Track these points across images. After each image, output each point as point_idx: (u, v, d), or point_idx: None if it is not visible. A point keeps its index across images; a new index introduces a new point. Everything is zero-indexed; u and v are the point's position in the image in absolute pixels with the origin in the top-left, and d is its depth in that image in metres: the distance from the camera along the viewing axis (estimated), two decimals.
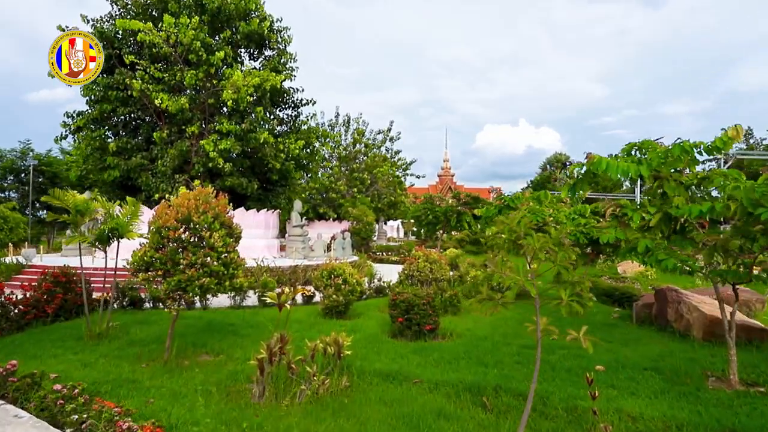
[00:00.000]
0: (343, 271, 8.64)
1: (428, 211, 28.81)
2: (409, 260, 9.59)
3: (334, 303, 8.40)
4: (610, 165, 5.45)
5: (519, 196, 9.68)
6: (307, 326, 7.85)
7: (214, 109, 16.12)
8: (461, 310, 9.38)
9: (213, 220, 5.58)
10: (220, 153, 14.96)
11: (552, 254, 3.73)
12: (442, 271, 9.41)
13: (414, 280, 9.43)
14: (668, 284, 13.93)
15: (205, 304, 9.61)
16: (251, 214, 16.43)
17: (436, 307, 7.12)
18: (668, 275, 16.56)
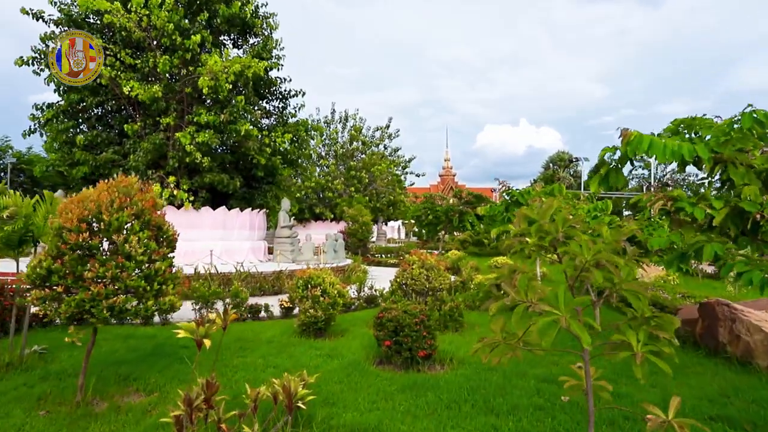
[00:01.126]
0: (323, 281, 7.26)
1: (429, 210, 27.43)
2: (402, 266, 8.21)
3: (312, 319, 7.02)
4: (655, 144, 4.06)
5: (529, 190, 8.30)
6: (276, 348, 6.46)
7: (192, 99, 14.76)
8: (464, 325, 7.99)
9: (133, 220, 4.21)
10: (198, 146, 13.60)
11: (609, 269, 2.34)
12: (441, 279, 8.03)
13: (408, 290, 8.04)
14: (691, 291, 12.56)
15: (165, 319, 8.24)
16: (234, 214, 15.06)
17: (432, 328, 5.73)
18: (693, 281, 15.15)
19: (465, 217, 26.79)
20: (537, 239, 2.24)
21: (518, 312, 2.07)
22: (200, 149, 13.70)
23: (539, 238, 2.24)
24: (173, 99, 14.38)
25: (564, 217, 2.21)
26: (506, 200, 8.34)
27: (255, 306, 8.78)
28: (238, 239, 15.16)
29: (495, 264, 19.39)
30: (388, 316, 5.70)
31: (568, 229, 2.20)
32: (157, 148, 13.66)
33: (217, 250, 14.47)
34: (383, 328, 5.71)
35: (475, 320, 8.63)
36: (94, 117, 15.53)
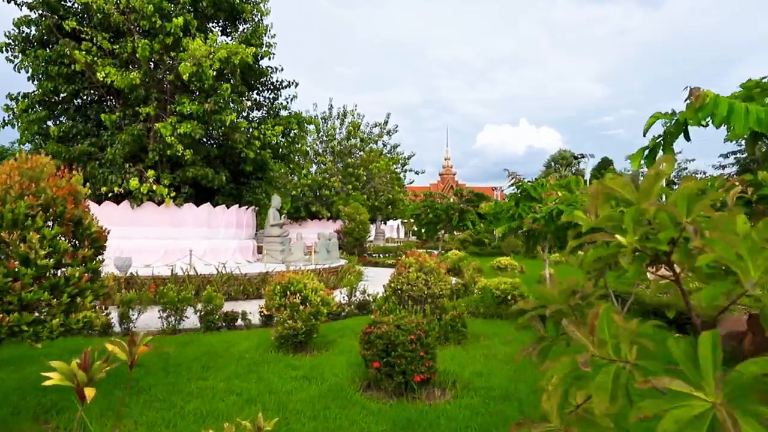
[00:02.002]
0: (303, 287, 6.25)
1: (428, 209, 26.41)
2: (397, 269, 7.21)
3: (290, 331, 6.01)
4: (736, 110, 3.06)
5: (542, 182, 7.29)
6: (246, 367, 5.46)
7: (175, 88, 13.76)
8: (467, 336, 6.99)
9: (38, 211, 3.20)
10: (180, 138, 12.59)
11: None
12: (441, 284, 7.02)
13: (403, 297, 7.04)
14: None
15: (127, 328, 7.24)
16: (220, 211, 14.06)
17: (431, 346, 4.72)
18: None
19: (465, 216, 25.76)
20: (638, 237, 1.21)
21: (605, 383, 1.04)
22: (182, 141, 12.70)
23: (643, 237, 1.22)
24: (154, 87, 13.37)
25: (693, 196, 1.17)
26: (516, 194, 7.33)
27: (231, 313, 7.77)
28: (223, 238, 14.16)
29: (498, 265, 18.37)
30: (378, 332, 4.70)
31: (700, 218, 1.17)
32: (136, 140, 12.65)
33: (201, 250, 13.47)
34: (372, 346, 4.70)
35: (479, 330, 7.63)
36: (72, 108, 14.51)
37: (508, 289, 8.84)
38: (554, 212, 5.60)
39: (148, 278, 10.34)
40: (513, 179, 7.34)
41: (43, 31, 13.58)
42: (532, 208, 6.80)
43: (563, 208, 5.57)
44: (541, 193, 7.00)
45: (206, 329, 7.50)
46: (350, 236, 22.43)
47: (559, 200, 5.86)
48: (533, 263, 21.49)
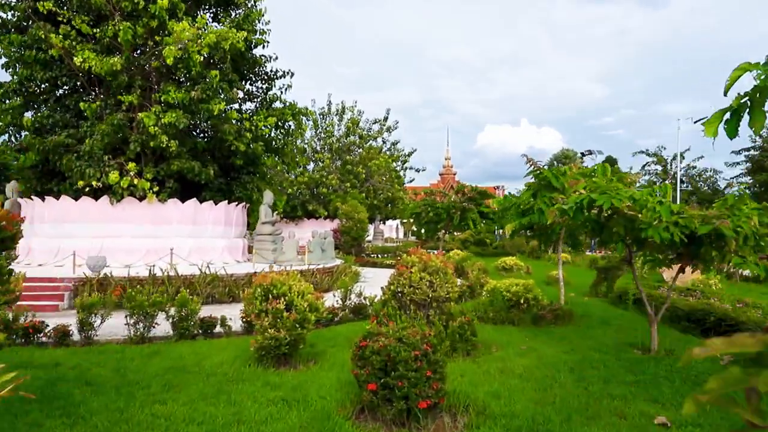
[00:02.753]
0: (288, 290, 5.35)
1: (429, 207, 25.51)
2: (397, 268, 6.31)
3: (272, 342, 5.12)
4: None
5: (564, 170, 6.40)
6: (216, 387, 4.56)
7: (161, 76, 12.88)
8: (477, 346, 6.09)
9: None
10: (164, 129, 11.70)
11: None
12: (448, 285, 6.12)
13: (404, 301, 6.13)
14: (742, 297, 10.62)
15: (88, 337, 6.34)
16: (207, 207, 13.16)
17: (439, 364, 3.83)
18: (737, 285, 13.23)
19: (467, 215, 24.86)
20: None
21: None
22: (167, 132, 11.80)
23: None
24: (138, 75, 12.48)
25: None
26: (534, 184, 6.43)
27: (208, 320, 6.87)
28: (211, 236, 13.26)
29: (503, 265, 17.48)
30: (375, 346, 3.80)
31: None
32: (117, 131, 11.75)
33: (186, 249, 12.57)
34: (366, 363, 3.81)
35: (490, 338, 6.74)
36: (52, 99, 13.61)
37: (521, 292, 7.95)
38: (585, 202, 4.72)
39: (123, 279, 9.44)
40: (531, 166, 6.44)
41: (20, 16, 12.71)
42: (554, 199, 5.92)
43: (596, 196, 4.69)
44: (564, 181, 6.11)
45: (179, 337, 6.60)
46: (348, 235, 21.53)
47: (591, 188, 4.98)
48: (538, 263, 20.59)
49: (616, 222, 5.08)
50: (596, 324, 7.64)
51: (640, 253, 6.11)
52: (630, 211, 5.02)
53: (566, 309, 8.00)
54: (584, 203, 4.77)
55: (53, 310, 8.81)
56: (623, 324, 7.61)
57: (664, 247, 5.52)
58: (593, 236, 5.41)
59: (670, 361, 5.43)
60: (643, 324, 7.61)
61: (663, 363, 5.33)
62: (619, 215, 5.06)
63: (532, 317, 7.71)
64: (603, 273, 11.06)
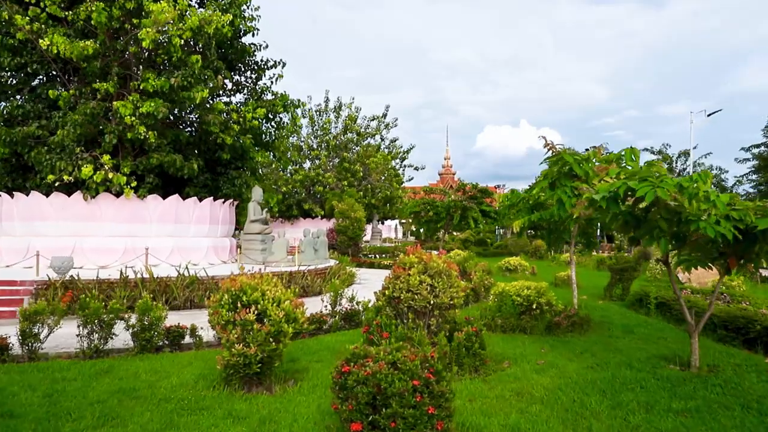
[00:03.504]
0: (261, 296, 4.46)
1: (428, 206, 24.64)
2: (394, 270, 5.41)
3: (240, 360, 4.22)
4: None
5: (588, 155, 5.51)
6: (165, 420, 3.65)
7: (139, 62, 11.98)
8: (487, 361, 5.20)
9: None
10: (142, 119, 10.80)
11: None
12: (453, 290, 5.23)
13: (401, 308, 5.24)
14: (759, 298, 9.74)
15: (31, 350, 5.43)
16: (190, 204, 12.25)
17: (445, 396, 2.94)
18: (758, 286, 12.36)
19: (468, 214, 23.99)
20: None
21: None
22: (145, 122, 10.90)
23: None
24: (115, 61, 11.57)
25: None
26: (552, 172, 5.54)
27: (176, 329, 5.97)
28: (195, 235, 12.35)
29: (507, 265, 16.58)
30: (360, 375, 2.91)
31: None
32: (91, 121, 10.85)
33: (167, 249, 11.67)
34: (350, 395, 2.92)
35: (499, 350, 5.85)
36: (27, 88, 12.69)
37: (533, 296, 7.06)
38: (621, 190, 3.84)
39: (92, 282, 8.53)
40: (549, 149, 5.53)
41: None
42: (578, 189, 5.03)
43: (635, 184, 3.80)
44: (588, 169, 5.22)
45: (141, 350, 5.70)
46: (344, 235, 20.64)
47: (627, 175, 4.09)
48: (542, 263, 19.69)
49: (655, 215, 4.19)
50: (619, 332, 6.75)
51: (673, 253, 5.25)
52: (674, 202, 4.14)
53: (583, 315, 7.12)
54: (620, 192, 3.88)
55: (11, 316, 7.88)
56: (649, 332, 6.72)
57: (710, 245, 4.63)
58: (623, 232, 4.52)
59: (719, 380, 4.54)
60: (673, 332, 6.73)
61: (711, 383, 4.45)
62: (659, 207, 4.17)
63: (545, 325, 6.82)
64: (617, 274, 10.18)
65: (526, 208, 8.99)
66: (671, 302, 7.67)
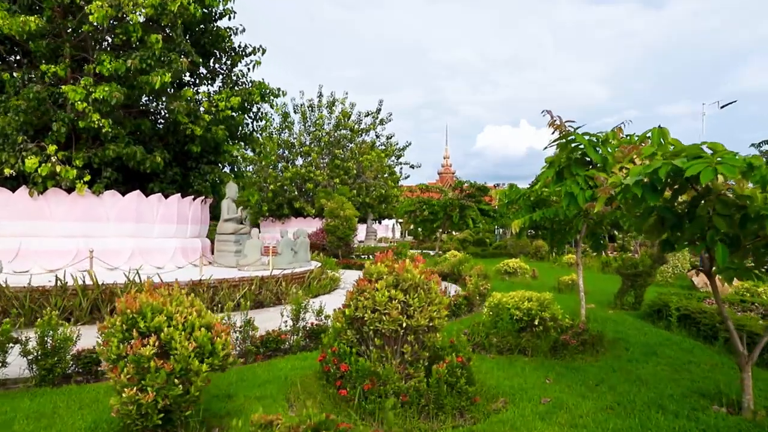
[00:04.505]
0: (166, 321, 3.28)
1: (423, 205, 23.49)
2: (358, 283, 4.23)
3: (135, 409, 3.04)
4: None
5: (608, 136, 4.31)
6: None
7: (96, 43, 10.79)
8: (476, 400, 4.02)
9: None
10: (96, 106, 9.62)
11: None
12: (432, 309, 4.05)
13: (366, 333, 4.06)
14: None
15: None
16: (154, 201, 11.05)
17: None
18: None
19: (466, 213, 22.85)
20: None
21: None
22: (99, 110, 9.72)
23: None
24: (67, 41, 10.38)
25: None
26: (560, 158, 4.34)
27: (88, 354, 4.78)
28: (160, 236, 11.16)
29: (506, 268, 15.36)
30: None
31: None
32: (37, 107, 9.65)
33: (127, 251, 10.49)
34: None
35: (494, 380, 4.68)
36: None
37: (534, 309, 5.89)
38: (663, 172, 2.67)
39: (22, 290, 7.35)
40: (556, 129, 4.30)
41: None
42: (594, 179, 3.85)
43: (683, 163, 2.63)
44: (607, 153, 4.03)
45: (40, 381, 4.51)
46: (333, 235, 19.45)
47: (669, 155, 2.91)
48: (542, 265, 18.49)
49: (706, 209, 3.01)
50: (639, 354, 5.57)
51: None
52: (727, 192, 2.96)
53: (595, 333, 5.93)
54: (661, 175, 2.71)
55: None
56: (676, 355, 5.54)
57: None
58: (652, 235, 3.34)
59: None
60: (705, 354, 5.54)
61: None
62: (712, 198, 2.99)
63: (550, 344, 5.64)
64: (629, 280, 9.00)
65: (527, 206, 7.83)
66: (697, 315, 6.48)
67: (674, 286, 12.22)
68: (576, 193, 3.93)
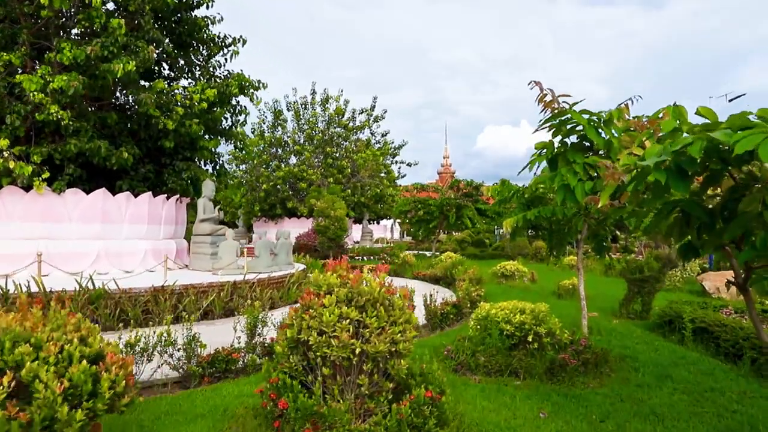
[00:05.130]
0: (34, 353, 2.46)
1: (419, 204, 22.69)
2: (302, 298, 3.44)
3: None
4: None
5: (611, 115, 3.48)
6: None
7: (57, 29, 10.02)
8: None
9: None
10: (55, 97, 8.85)
11: None
12: (395, 330, 3.24)
13: (314, 358, 3.25)
14: None
15: None
16: (122, 200, 10.27)
17: None
18: None
19: (463, 212, 22.02)
20: None
21: None
22: (58, 101, 8.95)
23: None
24: (25, 28, 9.61)
25: None
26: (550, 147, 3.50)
27: None
28: (129, 238, 10.37)
29: (503, 271, 14.54)
30: None
31: None
32: None
33: (92, 254, 9.72)
34: None
35: (476, 412, 3.86)
36: None
37: (528, 323, 5.07)
38: (695, 149, 1.87)
39: None
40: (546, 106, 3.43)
41: None
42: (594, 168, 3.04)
43: (725, 137, 1.83)
44: (611, 136, 3.21)
45: None
46: (323, 236, 18.66)
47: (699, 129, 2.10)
48: (543, 268, 17.65)
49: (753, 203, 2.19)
50: (651, 377, 4.74)
51: None
52: None
53: (598, 350, 5.11)
54: (693, 152, 1.90)
55: None
56: (694, 378, 4.71)
57: None
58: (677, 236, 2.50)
59: None
60: (727, 378, 4.71)
61: None
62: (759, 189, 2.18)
63: (546, 365, 4.82)
64: (636, 286, 8.17)
65: (521, 204, 7.03)
66: (716, 329, 5.65)
67: (683, 290, 11.38)
68: (573, 185, 3.11)
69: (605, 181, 2.28)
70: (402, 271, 15.71)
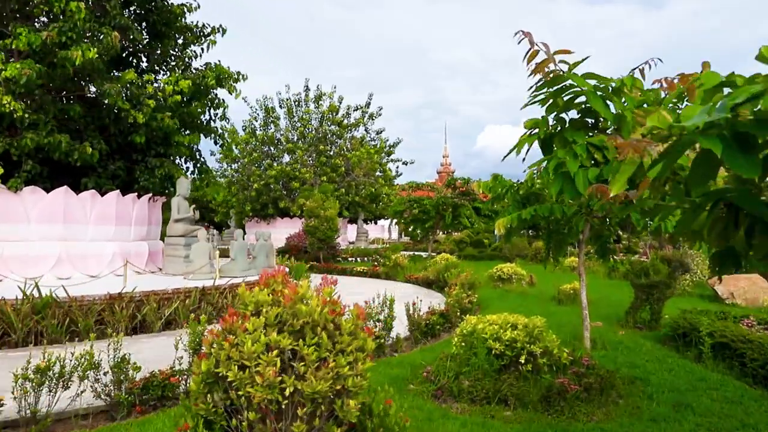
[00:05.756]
0: None
1: (413, 204, 21.89)
2: (225, 319, 2.69)
3: None
4: None
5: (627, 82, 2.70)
6: None
7: (16, 15, 9.28)
8: None
9: None
10: (9, 87, 8.11)
11: None
12: (342, 361, 2.48)
13: (236, 398, 2.50)
14: None
15: None
16: (87, 199, 9.52)
17: None
18: None
19: (460, 212, 21.22)
20: None
21: None
22: (12, 91, 8.21)
23: None
24: None
25: None
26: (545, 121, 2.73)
27: None
28: (95, 239, 9.62)
29: (499, 274, 13.77)
30: None
31: None
32: None
33: (53, 256, 8.97)
34: None
35: None
36: None
37: (521, 341, 4.31)
38: None
39: None
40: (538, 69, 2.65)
41: None
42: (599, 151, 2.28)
43: None
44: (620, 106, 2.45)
45: None
46: (313, 236, 17.90)
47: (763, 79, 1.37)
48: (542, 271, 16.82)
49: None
50: (667, 408, 3.97)
51: None
52: None
53: (603, 371, 4.34)
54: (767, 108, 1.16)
55: None
56: (720, 409, 3.94)
57: None
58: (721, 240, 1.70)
59: None
60: (763, 408, 3.93)
61: None
62: None
63: (542, 392, 4.06)
64: (644, 292, 7.40)
65: (516, 202, 6.27)
66: (740, 345, 4.88)
67: (693, 295, 10.60)
68: (573, 172, 2.35)
69: (621, 157, 1.51)
70: (394, 273, 14.96)
